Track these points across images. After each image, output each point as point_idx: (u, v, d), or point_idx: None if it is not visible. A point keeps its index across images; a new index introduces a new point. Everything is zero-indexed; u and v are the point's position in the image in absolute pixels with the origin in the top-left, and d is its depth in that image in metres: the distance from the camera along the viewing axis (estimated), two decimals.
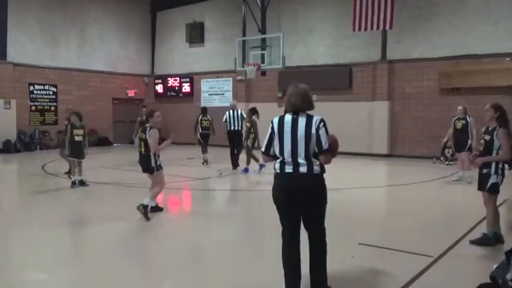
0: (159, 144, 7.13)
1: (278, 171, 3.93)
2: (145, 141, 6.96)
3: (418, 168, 13.75)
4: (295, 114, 3.89)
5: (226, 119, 12.68)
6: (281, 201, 3.94)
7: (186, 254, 5.62)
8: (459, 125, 10.53)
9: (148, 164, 7.06)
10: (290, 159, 3.84)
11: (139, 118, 15.49)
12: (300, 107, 3.89)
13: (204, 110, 14.41)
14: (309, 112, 3.92)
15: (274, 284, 4.14)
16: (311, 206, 3.91)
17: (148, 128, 6.99)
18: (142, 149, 7.05)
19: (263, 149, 4.05)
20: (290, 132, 3.84)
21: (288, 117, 3.90)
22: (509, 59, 14.39)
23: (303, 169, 3.81)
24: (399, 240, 5.97)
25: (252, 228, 7.08)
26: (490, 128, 5.67)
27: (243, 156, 12.51)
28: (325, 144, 3.79)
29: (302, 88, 3.95)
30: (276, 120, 3.96)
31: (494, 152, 5.53)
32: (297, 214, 3.94)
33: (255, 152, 11.34)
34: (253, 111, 12.37)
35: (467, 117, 10.53)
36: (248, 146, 12.23)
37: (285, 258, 3.94)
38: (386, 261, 5.10)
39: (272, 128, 3.95)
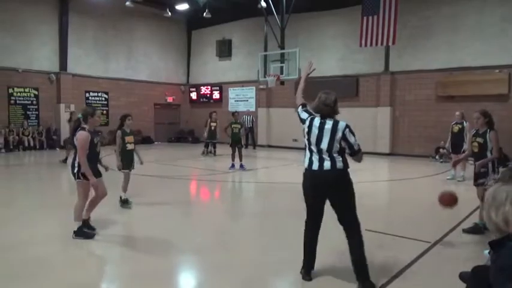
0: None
1: (306, 166, 3.88)
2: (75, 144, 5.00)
3: (417, 165, 13.55)
4: (323, 118, 3.82)
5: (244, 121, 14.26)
6: (308, 194, 3.89)
7: (213, 237, 5.58)
8: (456, 128, 10.25)
9: (72, 170, 5.08)
10: (317, 156, 3.79)
11: (208, 120, 14.69)
12: (325, 112, 3.81)
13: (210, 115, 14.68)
14: (334, 116, 3.83)
15: (293, 261, 4.16)
16: (337, 198, 3.83)
17: (78, 129, 5.01)
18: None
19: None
20: (317, 133, 3.78)
21: (317, 120, 3.84)
22: (497, 70, 14.09)
23: (327, 165, 3.74)
24: (401, 228, 5.93)
25: (272, 216, 7.05)
26: (481, 132, 5.61)
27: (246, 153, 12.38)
28: (355, 146, 3.75)
29: (328, 96, 3.84)
30: (308, 121, 3.90)
31: (489, 153, 5.47)
32: (321, 206, 3.88)
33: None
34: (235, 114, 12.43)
35: (464, 122, 10.20)
36: (242, 145, 11.92)
37: (305, 237, 3.95)
38: (390, 245, 5.09)
39: (304, 127, 3.91)
